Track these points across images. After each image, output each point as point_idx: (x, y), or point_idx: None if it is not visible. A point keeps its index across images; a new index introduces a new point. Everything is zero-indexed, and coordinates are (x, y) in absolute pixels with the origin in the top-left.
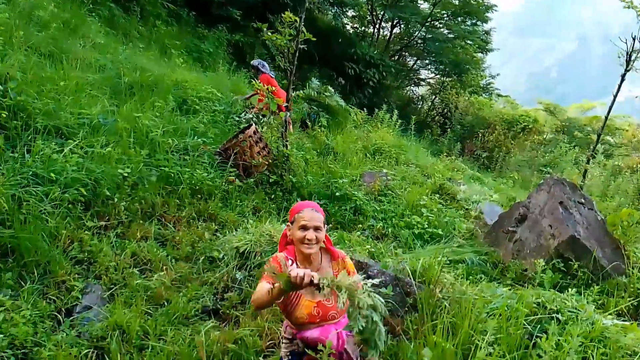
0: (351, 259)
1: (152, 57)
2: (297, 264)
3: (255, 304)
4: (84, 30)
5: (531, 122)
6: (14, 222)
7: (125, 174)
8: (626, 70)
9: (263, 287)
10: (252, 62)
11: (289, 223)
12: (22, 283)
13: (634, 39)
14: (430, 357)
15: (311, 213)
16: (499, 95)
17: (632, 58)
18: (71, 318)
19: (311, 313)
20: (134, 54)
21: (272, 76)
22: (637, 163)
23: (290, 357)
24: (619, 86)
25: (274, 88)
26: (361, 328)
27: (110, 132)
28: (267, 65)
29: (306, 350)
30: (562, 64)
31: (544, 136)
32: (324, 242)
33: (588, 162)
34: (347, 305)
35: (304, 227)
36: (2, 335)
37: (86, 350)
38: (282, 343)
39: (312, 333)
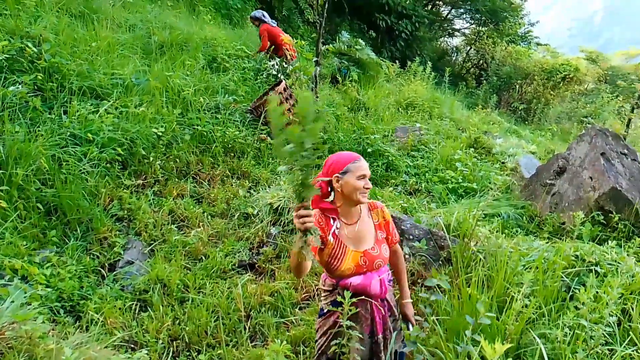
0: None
1: (180, 14)
2: (338, 218)
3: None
4: None
5: (572, 72)
6: (56, 182)
7: (160, 133)
8: None
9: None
10: (252, 13)
11: (337, 175)
12: (67, 240)
13: None
14: (482, 309)
15: (365, 162)
16: (538, 44)
17: None
18: (114, 273)
19: (358, 263)
20: (162, 12)
21: (274, 25)
22: None
23: (331, 306)
24: None
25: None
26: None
27: (143, 91)
28: (267, 15)
29: (347, 298)
30: (609, 9)
31: (586, 86)
32: None
33: (632, 111)
34: (390, 252)
35: (364, 176)
36: (50, 289)
37: (130, 303)
38: (322, 295)
39: (356, 280)
